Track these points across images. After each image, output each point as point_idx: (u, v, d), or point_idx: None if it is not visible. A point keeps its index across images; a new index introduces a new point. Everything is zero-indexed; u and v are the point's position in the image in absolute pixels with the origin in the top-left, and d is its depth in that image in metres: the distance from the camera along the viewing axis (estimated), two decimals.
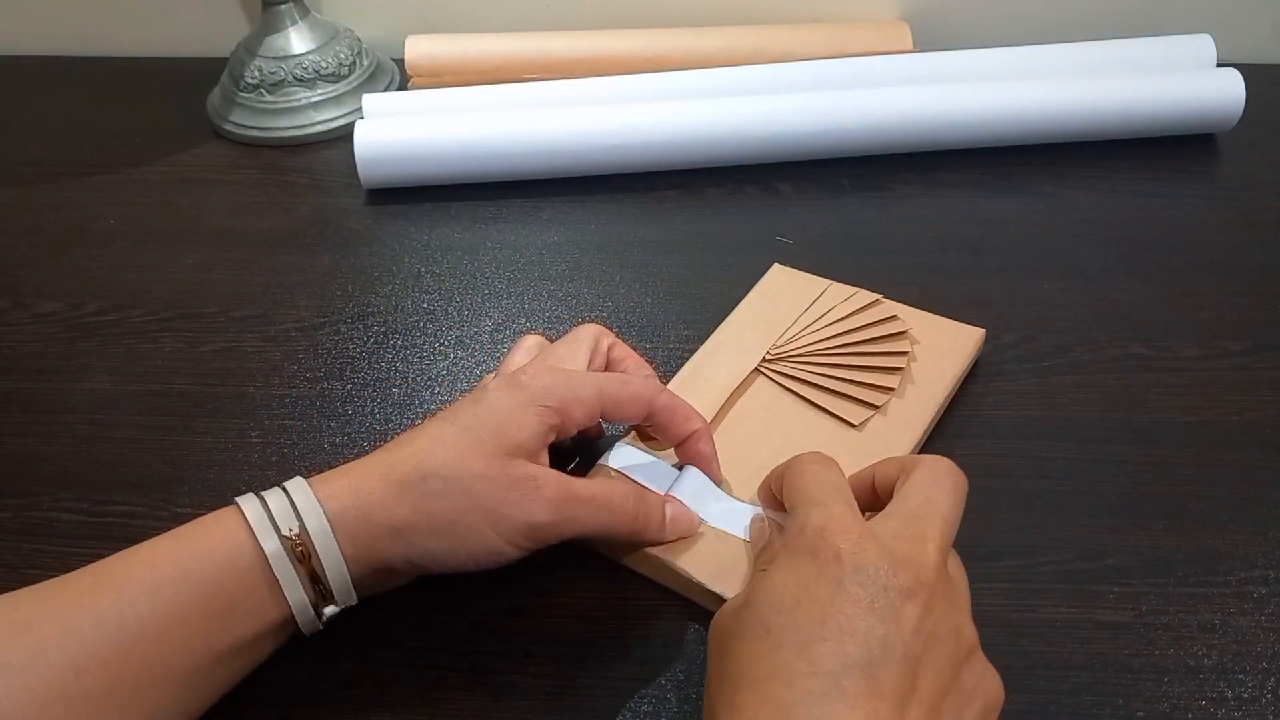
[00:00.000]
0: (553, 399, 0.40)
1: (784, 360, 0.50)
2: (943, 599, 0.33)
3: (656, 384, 0.43)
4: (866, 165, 0.66)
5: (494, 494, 0.37)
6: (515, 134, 0.64)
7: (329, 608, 0.37)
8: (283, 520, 0.36)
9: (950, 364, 0.49)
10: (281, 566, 0.36)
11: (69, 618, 0.34)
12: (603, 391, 0.41)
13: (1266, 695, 0.39)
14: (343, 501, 0.37)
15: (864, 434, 0.46)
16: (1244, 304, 0.55)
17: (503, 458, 0.38)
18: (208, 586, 0.35)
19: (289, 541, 0.36)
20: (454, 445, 0.38)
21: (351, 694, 0.40)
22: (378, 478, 0.37)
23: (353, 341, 0.56)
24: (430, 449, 0.38)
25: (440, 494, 0.37)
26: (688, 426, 0.43)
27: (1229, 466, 0.47)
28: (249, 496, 0.37)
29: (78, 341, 0.57)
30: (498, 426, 0.38)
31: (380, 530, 0.37)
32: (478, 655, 0.41)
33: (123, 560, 0.36)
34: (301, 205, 0.66)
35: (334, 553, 0.36)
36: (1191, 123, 0.66)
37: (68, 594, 0.35)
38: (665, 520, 0.41)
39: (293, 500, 0.37)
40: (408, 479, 0.37)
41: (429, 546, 0.37)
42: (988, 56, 0.69)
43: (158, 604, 0.35)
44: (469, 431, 0.38)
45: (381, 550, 0.37)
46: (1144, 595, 0.42)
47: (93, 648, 0.34)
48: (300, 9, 0.73)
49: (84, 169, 0.70)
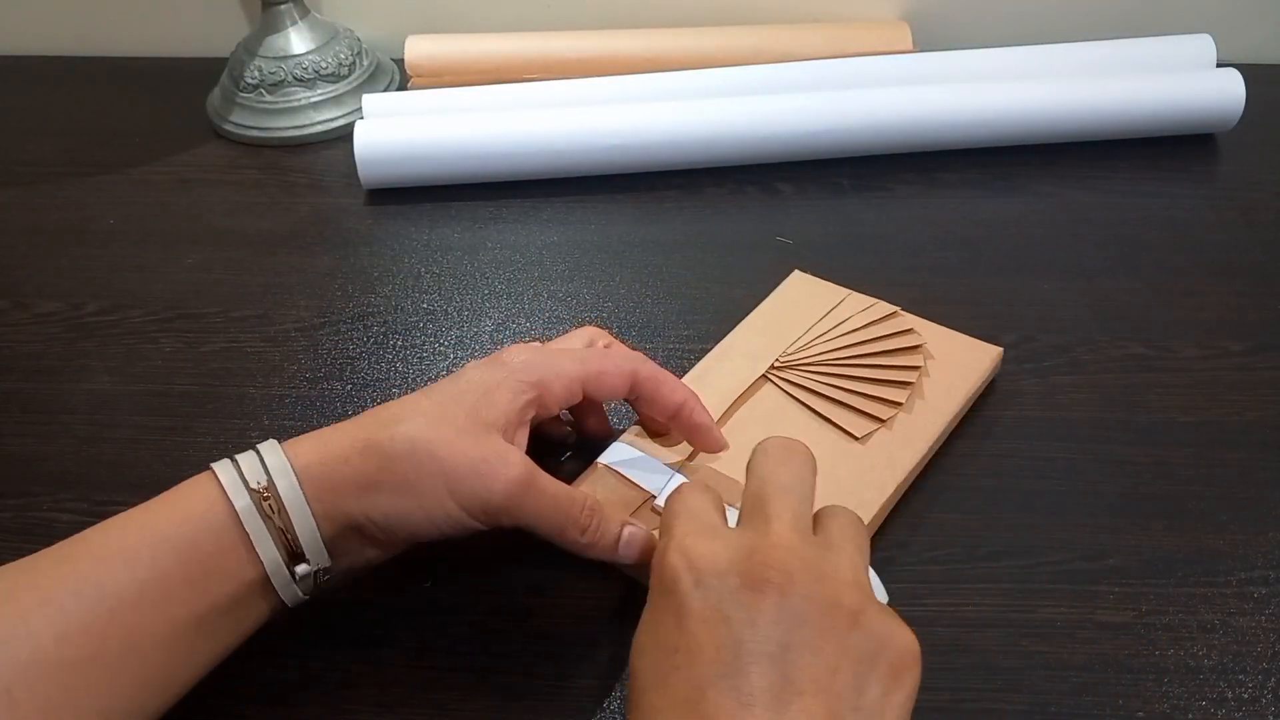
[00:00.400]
0: (530, 374, 0.40)
1: (793, 368, 0.49)
2: (803, 573, 0.31)
3: (640, 356, 0.43)
4: (866, 165, 0.66)
5: (457, 462, 0.37)
6: (515, 134, 0.64)
7: (301, 566, 0.37)
8: (252, 476, 0.37)
9: (962, 380, 0.49)
10: (252, 522, 0.36)
11: (47, 588, 0.34)
12: (584, 364, 0.41)
13: (1267, 695, 0.39)
14: (309, 458, 0.37)
15: (866, 447, 0.46)
16: (1244, 304, 0.55)
17: (474, 431, 0.38)
18: (183, 549, 0.35)
19: (256, 495, 0.36)
20: (426, 413, 0.38)
21: (351, 694, 0.40)
22: (347, 438, 0.38)
23: (353, 342, 0.56)
24: (402, 414, 0.38)
25: (405, 455, 0.37)
26: (675, 397, 0.43)
27: (1229, 466, 0.47)
28: (223, 460, 0.38)
29: (78, 341, 0.57)
30: (472, 402, 0.39)
31: (346, 485, 0.37)
32: (478, 655, 0.41)
33: (100, 530, 0.37)
34: (301, 205, 0.66)
35: (301, 507, 0.36)
36: (1191, 123, 0.66)
37: (45, 565, 0.35)
38: (619, 541, 0.40)
39: (262, 458, 0.37)
40: (375, 439, 0.37)
41: (391, 505, 0.37)
42: (988, 56, 0.69)
43: (136, 570, 0.35)
44: (442, 404, 0.39)
45: (347, 507, 0.37)
46: (1144, 595, 0.42)
47: (73, 616, 0.34)
48: (300, 9, 0.73)
49: (84, 169, 0.70)
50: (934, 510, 0.46)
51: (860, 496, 0.44)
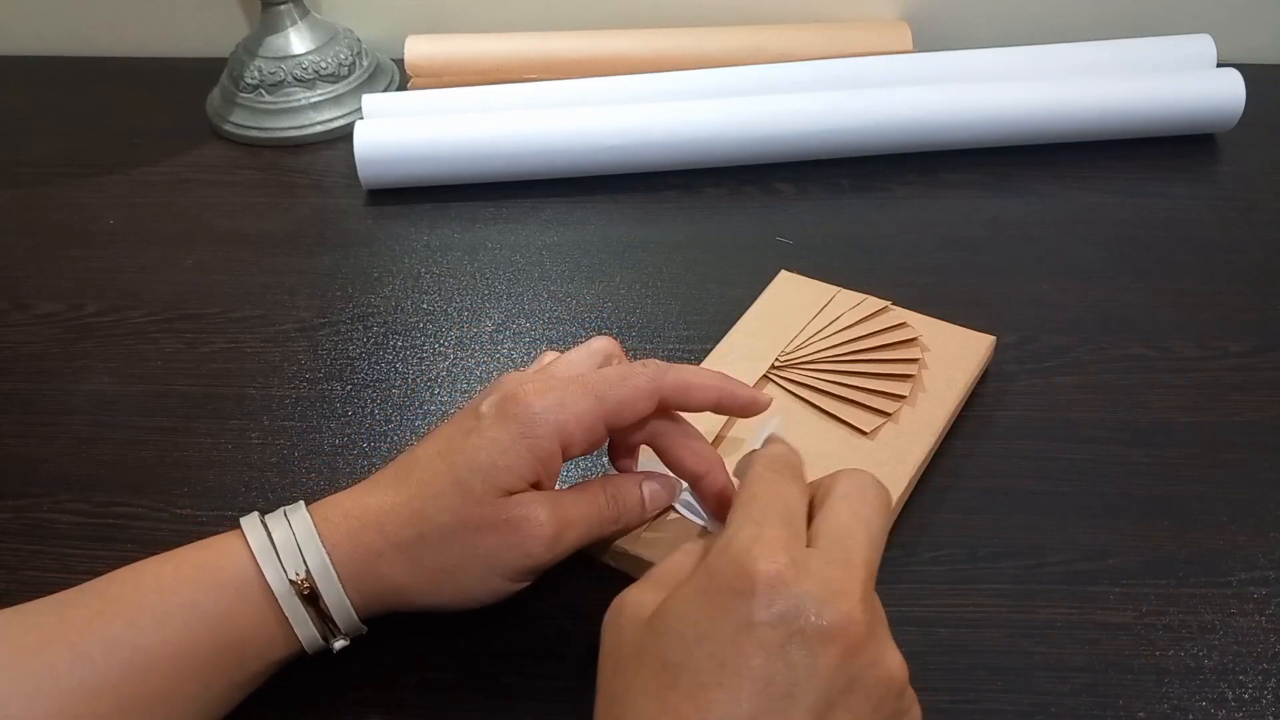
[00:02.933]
0: (544, 428, 0.36)
1: (794, 367, 0.49)
2: (872, 638, 0.30)
3: (655, 369, 0.39)
4: (866, 165, 0.66)
5: (490, 543, 0.36)
6: (515, 134, 0.64)
7: (339, 641, 0.38)
8: (289, 562, 0.36)
9: (961, 371, 0.49)
10: (291, 606, 0.36)
11: (79, 643, 0.34)
12: (600, 399, 0.37)
13: (1267, 696, 0.39)
14: (345, 552, 0.36)
15: (875, 442, 0.46)
16: (1244, 304, 0.55)
17: (495, 501, 0.36)
18: (218, 620, 0.35)
19: (296, 585, 0.36)
20: (444, 496, 0.36)
21: (352, 695, 0.40)
22: (375, 529, 0.37)
23: (353, 342, 0.56)
24: (424, 501, 0.37)
25: (438, 550, 0.36)
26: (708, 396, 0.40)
27: (1229, 467, 0.47)
28: (253, 522, 0.37)
29: (78, 342, 0.57)
30: (488, 468, 0.36)
31: (383, 586, 0.37)
32: (478, 656, 0.41)
33: (131, 585, 0.36)
34: (301, 206, 0.66)
35: (341, 600, 0.36)
36: (1191, 123, 0.66)
37: (76, 618, 0.35)
38: (644, 503, 0.40)
39: (298, 541, 0.36)
40: (404, 538, 0.36)
41: (431, 600, 0.37)
42: (988, 57, 0.69)
43: (168, 634, 0.35)
44: (459, 479, 0.36)
45: (385, 600, 0.37)
46: (1145, 596, 0.42)
47: (104, 674, 0.34)
48: (300, 9, 0.73)
49: (84, 169, 0.70)
50: (935, 511, 0.46)
51: None
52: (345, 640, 0.38)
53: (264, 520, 0.37)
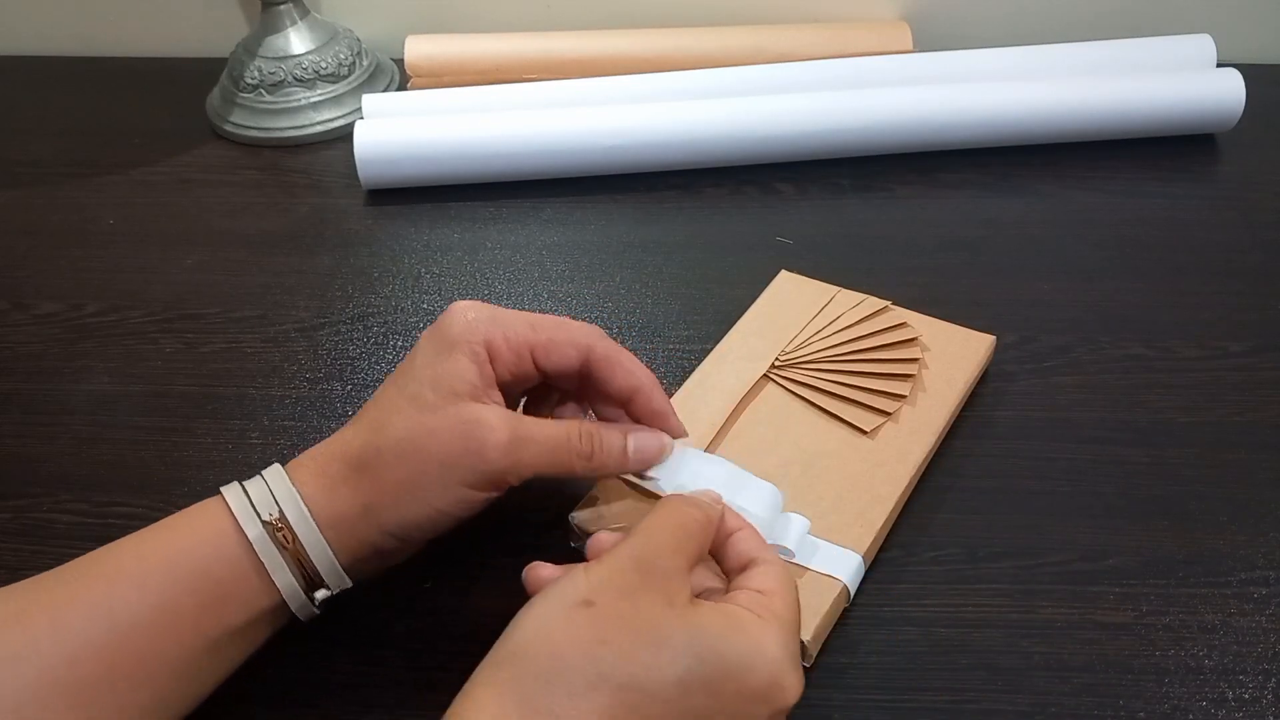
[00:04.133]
0: (476, 336, 0.38)
1: (794, 367, 0.49)
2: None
3: (597, 330, 0.41)
4: (866, 165, 0.66)
5: (444, 445, 0.37)
6: (515, 134, 0.64)
7: (320, 591, 0.37)
8: (262, 506, 0.36)
9: (961, 371, 0.49)
10: (266, 551, 0.36)
11: (59, 610, 0.34)
12: (534, 329, 0.39)
13: (1267, 696, 0.39)
14: (312, 486, 0.37)
15: (875, 441, 0.46)
16: (1244, 304, 0.55)
17: (447, 406, 0.37)
18: (196, 576, 0.36)
19: (270, 526, 0.36)
20: (399, 409, 0.38)
21: (352, 694, 0.40)
22: (338, 459, 0.38)
23: (352, 342, 0.56)
24: (379, 420, 0.38)
25: (394, 463, 0.37)
26: (630, 380, 0.40)
27: (1229, 467, 0.47)
28: (232, 485, 0.38)
29: (78, 342, 0.57)
30: (434, 378, 0.38)
31: (352, 510, 0.37)
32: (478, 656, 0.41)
33: (111, 552, 0.36)
34: (301, 206, 0.66)
35: (315, 536, 0.36)
36: (1191, 123, 0.66)
37: (56, 586, 0.36)
38: (627, 451, 0.40)
39: (270, 487, 0.37)
40: (363, 457, 0.37)
41: (399, 514, 0.37)
42: (988, 56, 0.69)
43: (147, 595, 0.35)
44: (408, 391, 0.38)
45: (358, 531, 0.37)
46: (1144, 596, 0.42)
47: (85, 638, 0.34)
48: (300, 9, 0.73)
49: (83, 169, 0.70)
50: (935, 511, 0.46)
51: (875, 491, 0.44)
52: (327, 590, 0.37)
53: (242, 483, 0.38)
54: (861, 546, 0.42)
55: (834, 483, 0.44)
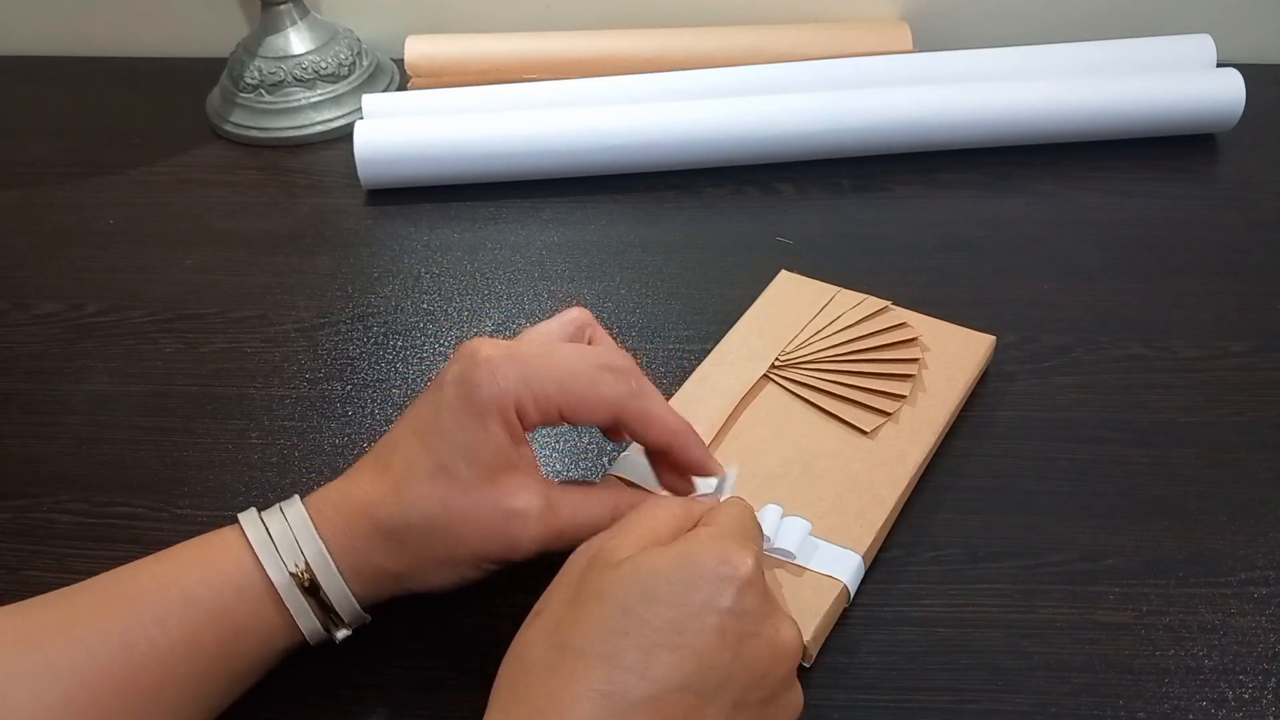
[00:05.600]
0: (507, 400, 0.36)
1: (794, 367, 0.49)
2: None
3: (628, 388, 0.38)
4: (866, 165, 0.66)
5: (479, 533, 0.36)
6: (515, 134, 0.64)
7: (341, 631, 0.38)
8: (288, 554, 0.36)
9: (961, 371, 0.49)
10: (292, 598, 0.36)
11: (77, 632, 0.34)
12: (564, 390, 0.37)
13: (1267, 696, 0.39)
14: (340, 543, 0.37)
15: (875, 442, 0.46)
16: (1244, 304, 0.55)
17: (484, 485, 0.36)
18: (217, 614, 0.36)
19: (296, 577, 0.36)
20: (429, 478, 0.36)
21: (352, 694, 0.40)
22: (364, 518, 0.37)
23: (353, 342, 0.56)
24: (406, 485, 0.37)
25: (425, 540, 0.37)
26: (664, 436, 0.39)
27: (1229, 466, 0.47)
28: (251, 516, 0.37)
29: (78, 342, 0.57)
30: (466, 449, 0.36)
31: (376, 573, 0.37)
32: (478, 655, 0.41)
33: (131, 580, 0.36)
34: (301, 206, 0.66)
35: (341, 588, 0.37)
36: (1191, 123, 0.66)
37: (75, 609, 0.35)
38: None
39: (294, 534, 0.36)
40: (394, 529, 0.36)
41: (425, 582, 0.38)
42: (988, 56, 0.69)
43: (168, 629, 0.35)
44: (437, 456, 0.36)
45: (383, 586, 0.38)
46: (1144, 596, 0.42)
47: (102, 664, 0.34)
48: (300, 9, 0.73)
49: (83, 169, 0.70)
50: (934, 511, 0.46)
51: (875, 491, 0.44)
52: (348, 630, 0.38)
53: (261, 516, 0.37)
54: (861, 546, 0.42)
55: (834, 483, 0.44)
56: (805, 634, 0.39)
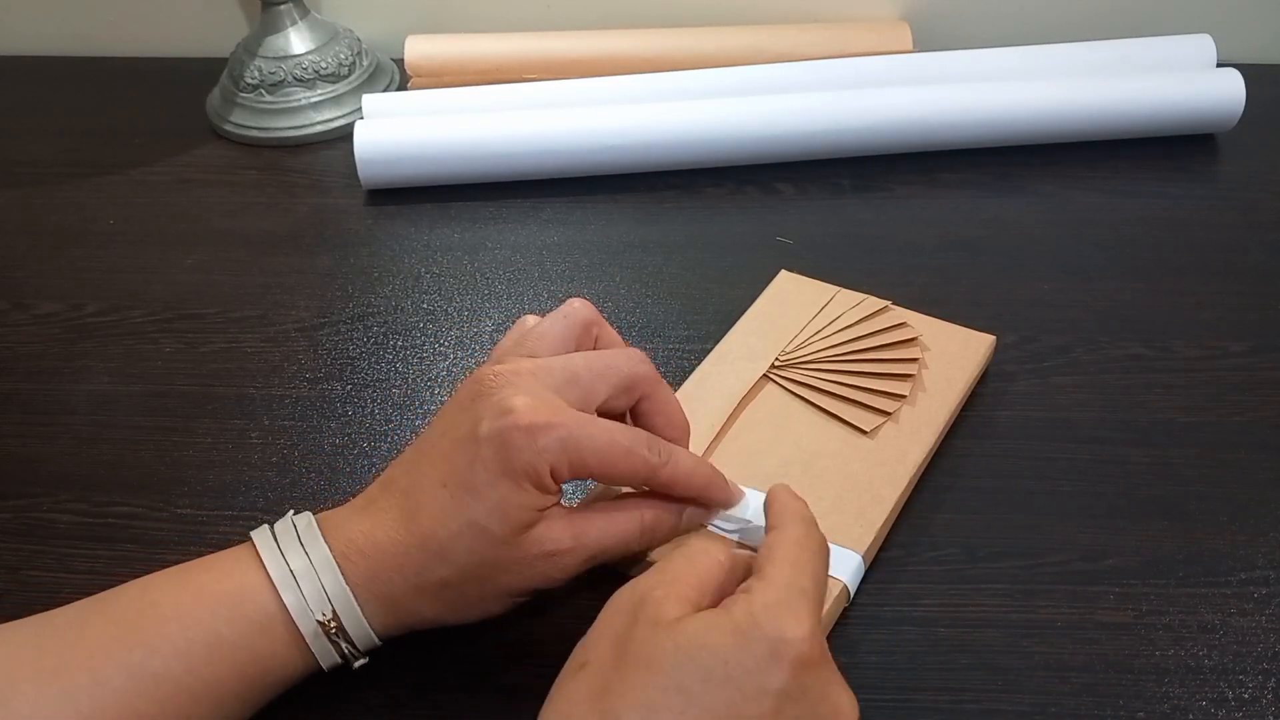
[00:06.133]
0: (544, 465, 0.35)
1: (794, 366, 0.49)
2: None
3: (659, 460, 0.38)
4: (866, 165, 0.66)
5: (512, 577, 0.37)
6: (515, 134, 0.64)
7: (359, 661, 0.38)
8: (314, 601, 0.36)
9: (961, 371, 0.49)
10: (319, 644, 0.37)
11: (99, 669, 0.34)
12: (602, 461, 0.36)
13: (1267, 696, 0.39)
14: (368, 593, 0.37)
15: (875, 442, 0.46)
16: (1244, 304, 0.55)
17: (517, 541, 0.36)
18: (242, 652, 0.36)
19: (323, 625, 0.36)
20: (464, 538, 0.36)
21: (352, 694, 0.40)
22: (395, 570, 0.36)
23: (353, 342, 0.56)
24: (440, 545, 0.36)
25: (459, 588, 0.37)
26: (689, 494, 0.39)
27: (1229, 467, 0.47)
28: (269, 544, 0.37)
29: (78, 342, 0.57)
30: (501, 510, 0.35)
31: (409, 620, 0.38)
32: (478, 656, 0.41)
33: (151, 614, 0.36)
34: (301, 205, 0.66)
35: (365, 633, 0.37)
36: (1191, 123, 0.66)
37: (94, 641, 0.35)
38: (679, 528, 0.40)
39: (320, 578, 0.36)
40: (426, 581, 0.36)
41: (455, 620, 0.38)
42: (988, 56, 0.69)
43: (192, 665, 0.35)
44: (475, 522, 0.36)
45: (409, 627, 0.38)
46: (1144, 596, 0.42)
47: (125, 700, 0.34)
48: (300, 9, 0.73)
49: (83, 169, 0.70)
50: (934, 511, 0.46)
51: (875, 491, 0.44)
52: (365, 659, 0.38)
53: (277, 541, 0.37)
54: (861, 546, 0.42)
55: (834, 483, 0.44)
56: None
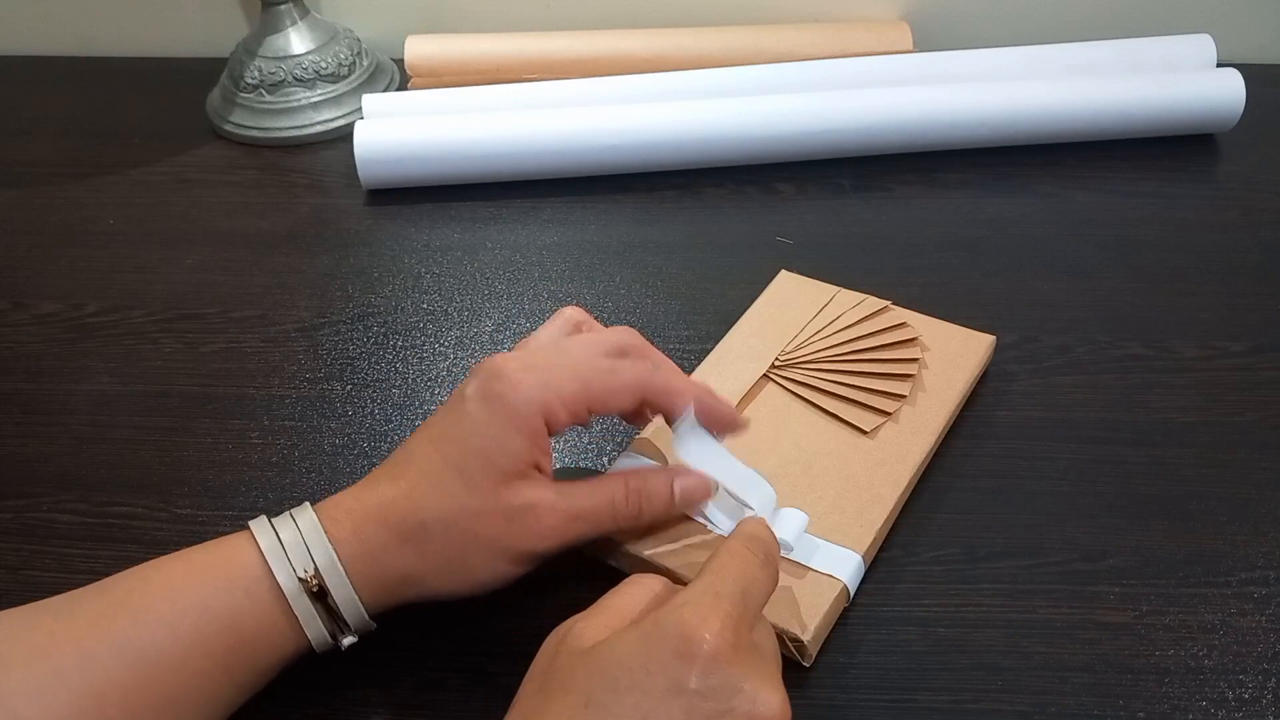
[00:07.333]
0: (530, 407, 0.37)
1: (794, 366, 0.49)
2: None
3: (646, 367, 0.40)
4: (866, 165, 0.66)
5: (494, 530, 0.37)
6: (515, 134, 0.64)
7: (347, 638, 0.38)
8: (298, 560, 0.36)
9: (961, 371, 0.49)
10: (300, 604, 0.36)
11: (88, 645, 0.34)
12: (587, 385, 0.38)
13: (1267, 696, 0.39)
14: (351, 547, 0.37)
15: (875, 441, 0.46)
16: (1244, 304, 0.55)
17: (496, 489, 0.37)
18: (226, 621, 0.36)
19: (305, 583, 0.36)
20: (445, 484, 0.37)
21: (352, 694, 0.40)
22: (377, 522, 0.37)
23: (353, 342, 0.56)
24: (422, 489, 0.37)
25: (442, 537, 0.37)
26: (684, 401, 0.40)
27: (1229, 466, 0.47)
28: (262, 523, 0.37)
29: (78, 342, 0.57)
30: (484, 454, 0.37)
31: (391, 578, 0.37)
32: (478, 655, 0.41)
33: (139, 587, 0.36)
34: (301, 205, 0.66)
35: (351, 597, 0.37)
36: (1191, 123, 0.66)
37: (84, 619, 0.35)
38: (673, 500, 0.40)
39: (305, 539, 0.37)
40: (406, 526, 0.37)
41: (438, 586, 0.38)
42: (988, 56, 0.69)
43: (179, 636, 0.35)
44: (454, 463, 0.37)
45: (393, 592, 0.38)
46: (1144, 596, 0.42)
47: (113, 675, 0.34)
48: (300, 9, 0.73)
49: (83, 169, 0.70)
50: (934, 511, 0.46)
51: (875, 491, 0.44)
52: (354, 637, 0.38)
53: (272, 522, 0.37)
54: (861, 546, 0.42)
55: (834, 483, 0.44)
56: (805, 634, 0.39)
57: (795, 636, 0.39)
